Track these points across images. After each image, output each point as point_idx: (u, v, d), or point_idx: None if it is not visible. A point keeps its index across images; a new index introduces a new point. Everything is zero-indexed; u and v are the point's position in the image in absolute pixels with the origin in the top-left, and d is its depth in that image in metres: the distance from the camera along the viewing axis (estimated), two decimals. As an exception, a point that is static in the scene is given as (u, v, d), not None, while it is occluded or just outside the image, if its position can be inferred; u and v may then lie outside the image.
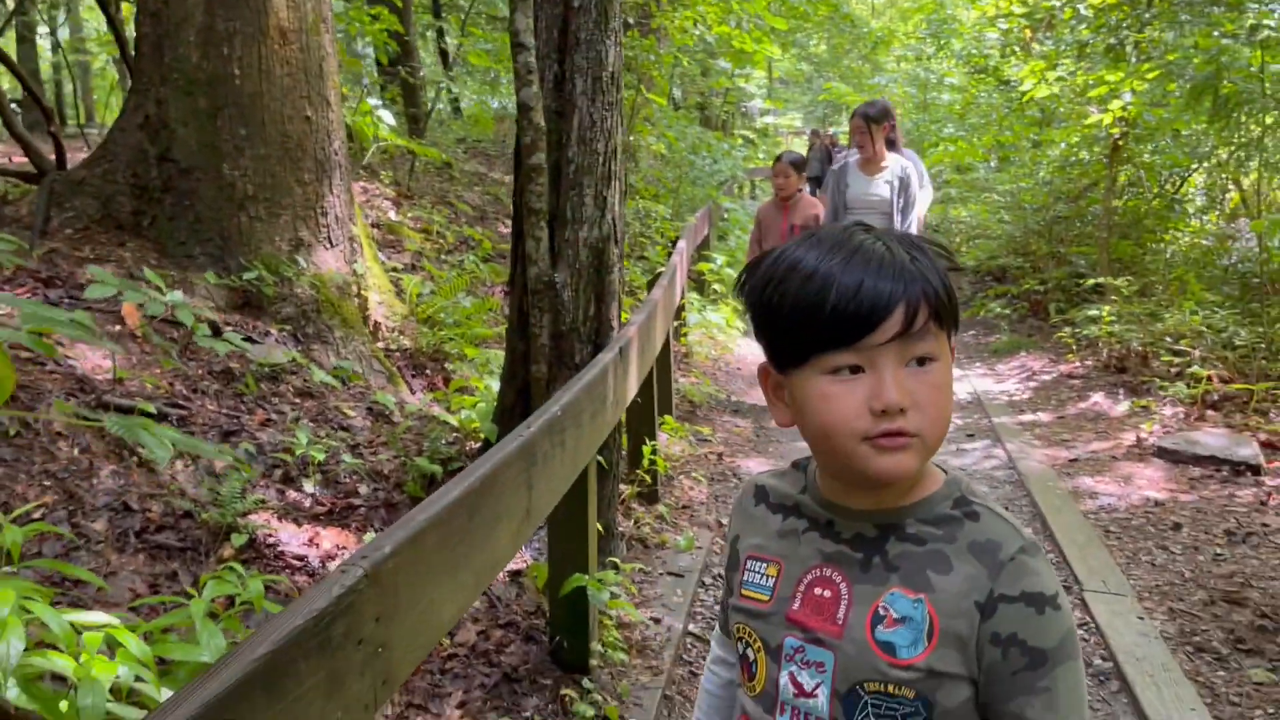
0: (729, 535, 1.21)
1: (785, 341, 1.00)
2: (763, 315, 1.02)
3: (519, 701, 2.98)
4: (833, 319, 0.95)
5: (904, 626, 1.00)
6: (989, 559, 1.00)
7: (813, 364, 0.98)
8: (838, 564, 1.06)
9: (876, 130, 5.81)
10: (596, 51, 3.57)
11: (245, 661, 1.25)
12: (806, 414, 1.00)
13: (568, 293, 3.64)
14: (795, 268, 0.99)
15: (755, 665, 1.10)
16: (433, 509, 1.77)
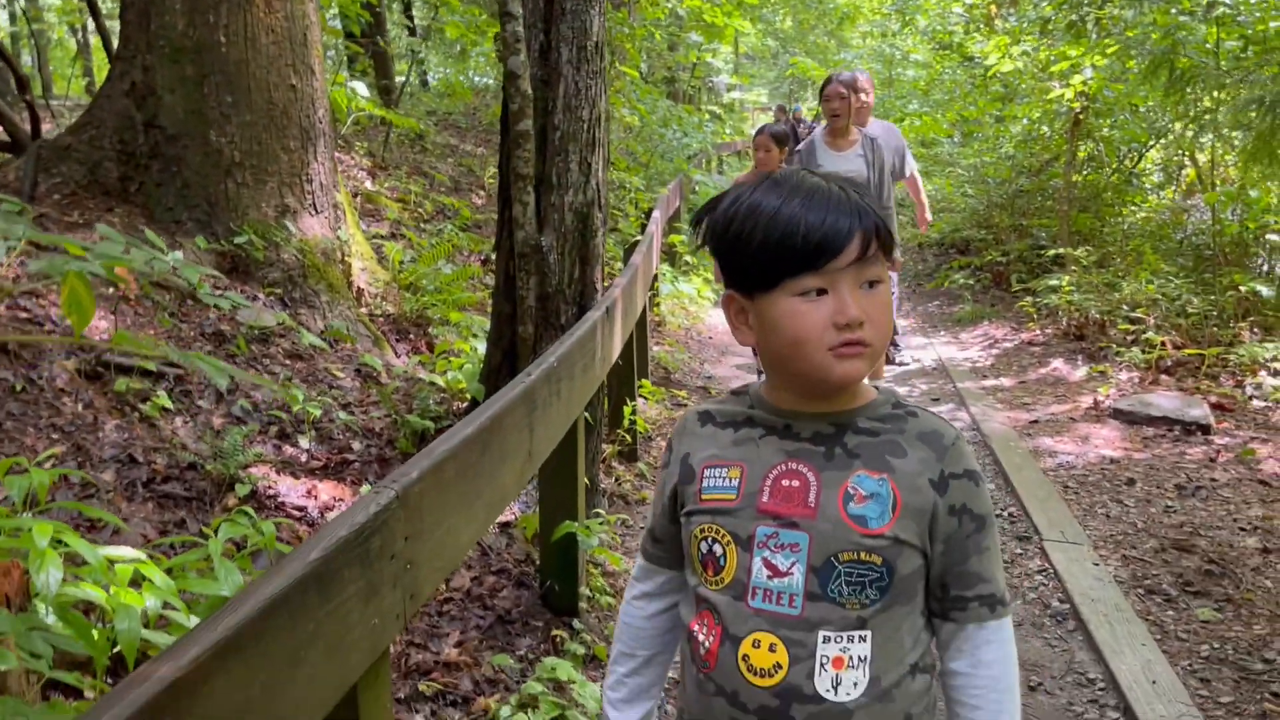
0: (674, 457, 1.32)
1: (756, 270, 1.16)
2: (730, 250, 1.19)
3: (513, 641, 3.14)
4: (804, 247, 1.12)
5: (872, 501, 1.17)
6: (935, 444, 1.21)
7: (783, 288, 1.14)
8: (802, 458, 1.20)
9: (854, 100, 5.68)
10: (581, 21, 3.69)
11: (303, 562, 1.39)
12: (777, 330, 1.16)
13: (553, 256, 3.78)
14: (758, 208, 1.15)
15: (724, 559, 1.21)
16: (451, 442, 1.92)
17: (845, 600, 1.16)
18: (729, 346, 7.81)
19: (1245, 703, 3.04)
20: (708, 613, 1.24)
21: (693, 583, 1.28)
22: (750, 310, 1.20)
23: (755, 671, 1.18)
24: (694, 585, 1.27)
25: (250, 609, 1.27)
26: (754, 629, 1.18)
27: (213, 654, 1.17)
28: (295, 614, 1.35)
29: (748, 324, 1.22)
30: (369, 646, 1.58)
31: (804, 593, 1.17)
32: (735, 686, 1.20)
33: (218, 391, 3.77)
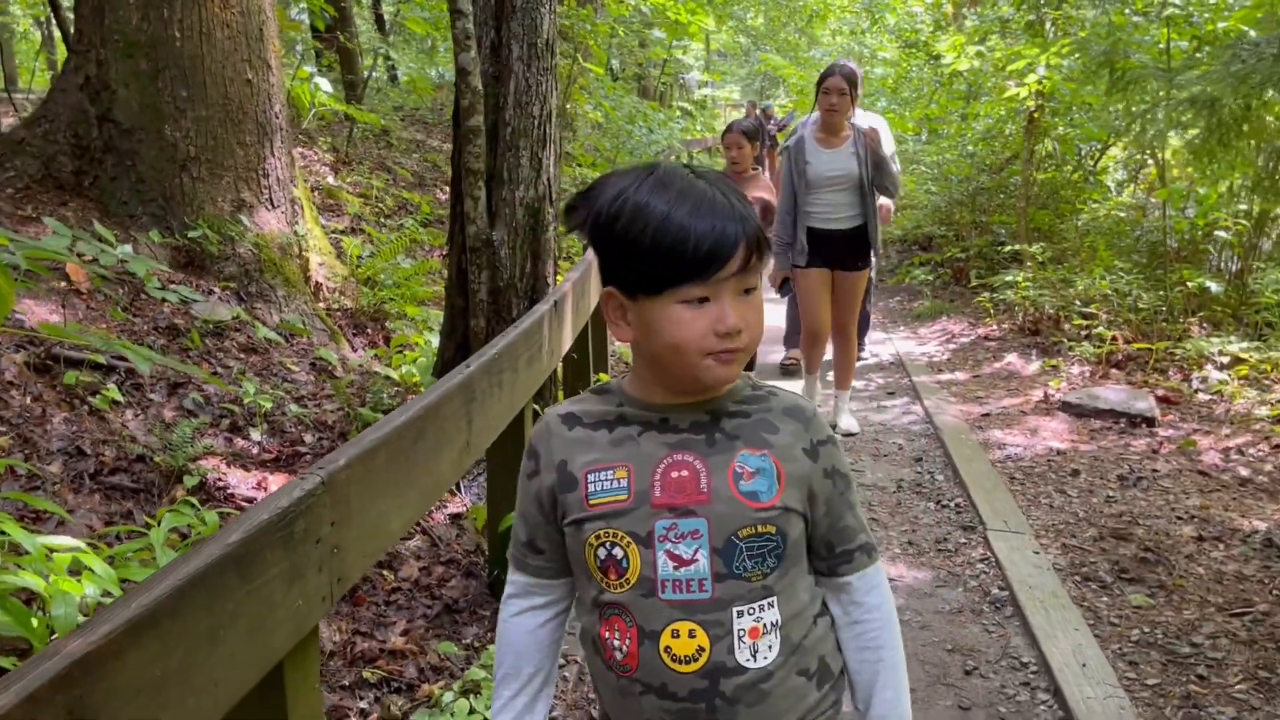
0: (544, 464, 1.30)
1: (641, 275, 1.17)
2: (613, 248, 1.19)
3: (459, 630, 3.19)
4: (693, 260, 1.14)
5: (760, 476, 1.23)
6: (800, 417, 1.29)
7: (668, 295, 1.16)
8: (686, 448, 1.24)
9: (854, 96, 5.17)
10: (532, 19, 3.74)
11: (221, 544, 1.44)
12: (658, 334, 1.18)
13: (505, 250, 3.82)
14: (645, 210, 1.15)
15: (626, 560, 1.23)
16: (382, 430, 1.97)
17: (750, 574, 1.22)
18: (691, 341, 7.87)
19: (1171, 684, 3.13)
20: (617, 617, 1.25)
21: (592, 592, 1.27)
22: (630, 310, 1.22)
23: (680, 659, 1.22)
24: (594, 594, 1.26)
25: (166, 588, 1.31)
26: (670, 620, 1.21)
27: (125, 630, 1.22)
28: (214, 593, 1.40)
29: (626, 321, 1.23)
30: (293, 627, 1.63)
31: (711, 575, 1.21)
32: (663, 680, 1.23)
33: (169, 385, 3.79)
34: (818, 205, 5.15)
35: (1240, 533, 4.13)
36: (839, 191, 5.14)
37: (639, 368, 1.27)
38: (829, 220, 5.17)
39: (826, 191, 5.14)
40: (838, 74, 5.09)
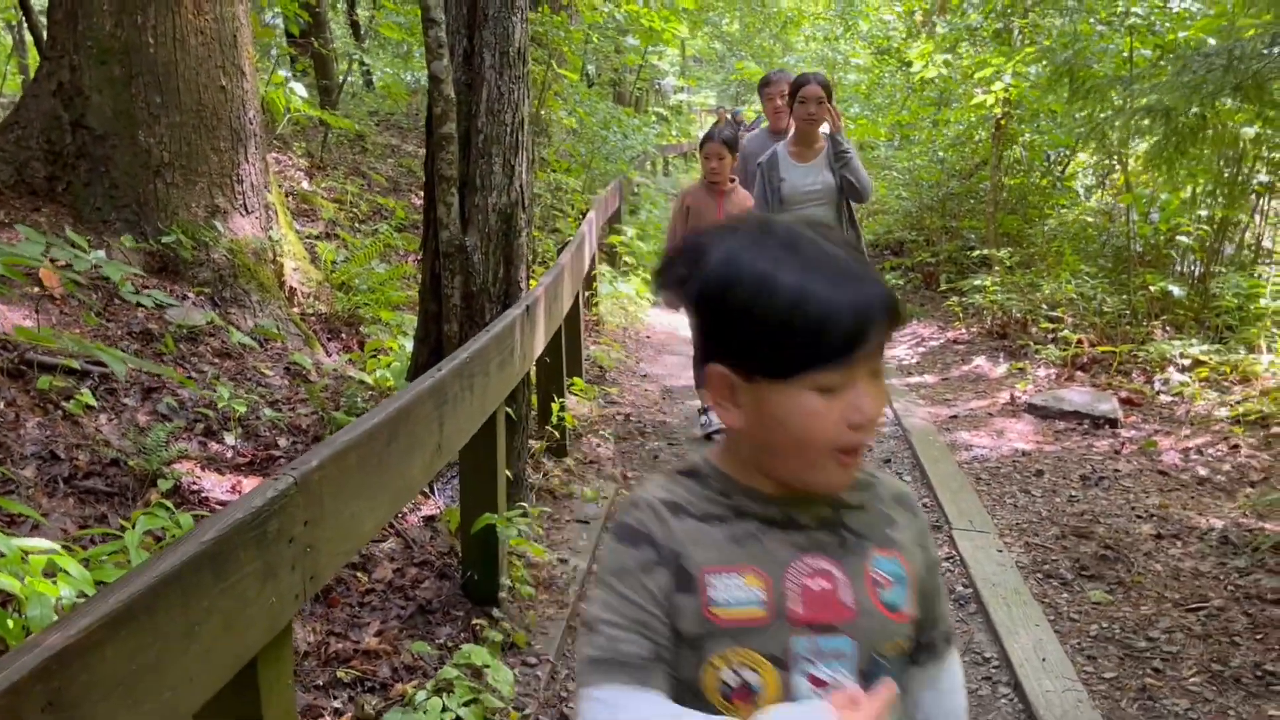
0: (661, 554, 1.04)
1: (767, 356, 0.99)
2: (728, 324, 1.01)
3: (433, 630, 3.23)
4: (835, 340, 0.96)
5: (896, 585, 1.08)
6: (909, 505, 1.15)
7: (798, 380, 0.98)
8: (818, 551, 1.06)
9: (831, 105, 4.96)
10: (504, 28, 3.79)
11: (196, 543, 1.48)
12: (783, 425, 1.00)
13: (478, 255, 3.87)
14: (771, 281, 0.97)
15: (762, 686, 1.02)
16: (354, 432, 2.01)
17: None
18: (666, 345, 7.94)
19: (1128, 678, 3.22)
20: None
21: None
22: (744, 393, 1.02)
23: None
24: None
25: (142, 584, 1.36)
26: None
27: (102, 624, 1.26)
28: (188, 591, 1.45)
29: (735, 404, 1.04)
30: (267, 624, 1.68)
31: None
32: None
33: (143, 389, 3.81)
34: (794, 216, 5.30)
35: (1197, 530, 4.23)
36: (817, 207, 4.92)
37: (742, 451, 1.08)
38: None
39: (803, 208, 4.92)
40: (813, 81, 4.91)
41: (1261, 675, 3.19)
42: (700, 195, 5.42)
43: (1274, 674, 3.18)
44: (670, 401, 6.40)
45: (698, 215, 5.31)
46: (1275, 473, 4.79)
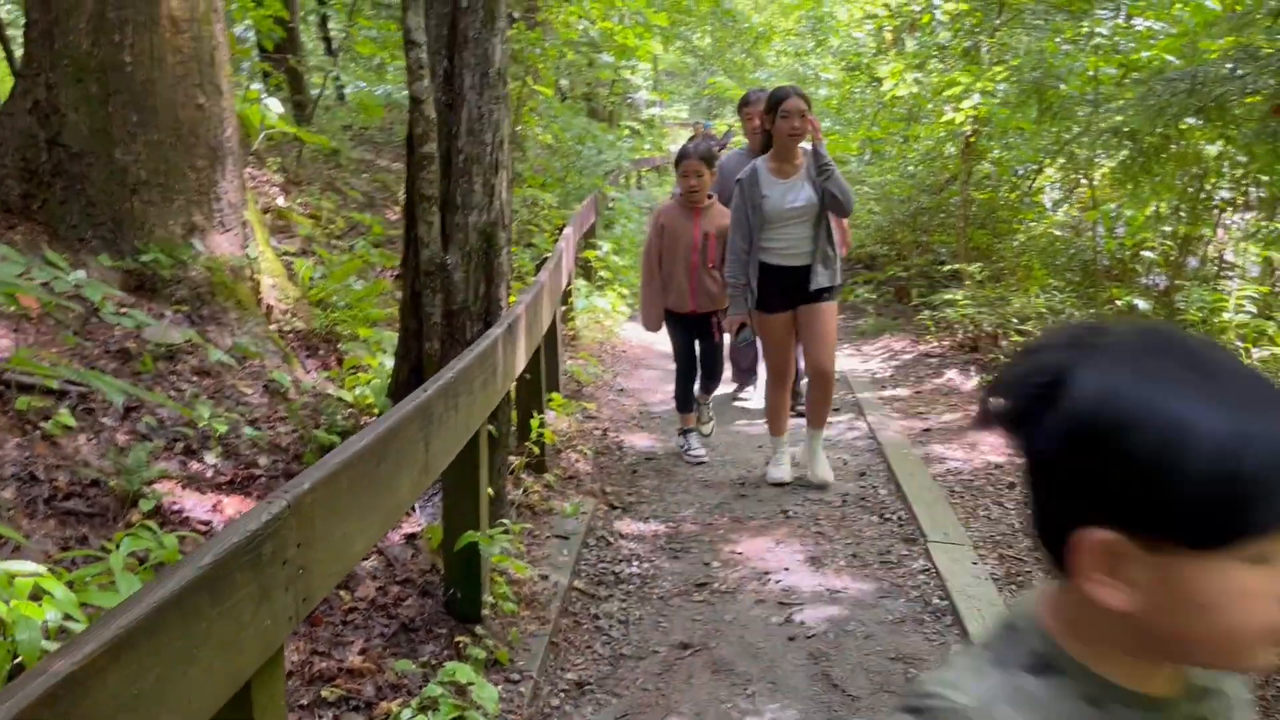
0: None
1: (1189, 520, 0.74)
2: (1125, 478, 0.75)
3: (416, 648, 3.24)
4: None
5: None
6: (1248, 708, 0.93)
7: (1226, 551, 0.74)
8: None
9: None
10: (484, 49, 3.83)
11: (194, 567, 1.50)
12: (1206, 611, 0.76)
13: (459, 273, 3.90)
14: (1188, 425, 0.73)
15: None
16: (345, 454, 2.04)
17: None
18: (642, 359, 7.99)
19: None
20: None
21: None
22: (1143, 567, 0.77)
23: None
24: None
25: (143, 609, 1.38)
26: None
27: (105, 650, 1.28)
28: (187, 614, 1.47)
29: (1127, 580, 0.77)
30: (262, 646, 1.70)
31: None
32: None
33: (123, 409, 3.80)
34: (777, 241, 4.80)
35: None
36: (799, 225, 4.77)
37: (1117, 636, 0.81)
38: (789, 256, 4.81)
39: (786, 226, 4.77)
40: (794, 95, 4.74)
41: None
42: (675, 214, 5.43)
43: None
44: (647, 417, 6.44)
45: (673, 235, 5.37)
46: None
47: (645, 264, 5.57)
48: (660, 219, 5.50)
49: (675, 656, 3.51)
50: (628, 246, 10.86)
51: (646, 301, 5.62)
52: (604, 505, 4.83)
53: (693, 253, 5.33)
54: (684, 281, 5.37)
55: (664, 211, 5.56)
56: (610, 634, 3.69)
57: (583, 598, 3.94)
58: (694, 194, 5.32)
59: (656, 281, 5.48)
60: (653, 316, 5.60)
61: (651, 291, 5.55)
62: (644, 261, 5.61)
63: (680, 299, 5.41)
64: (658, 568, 4.23)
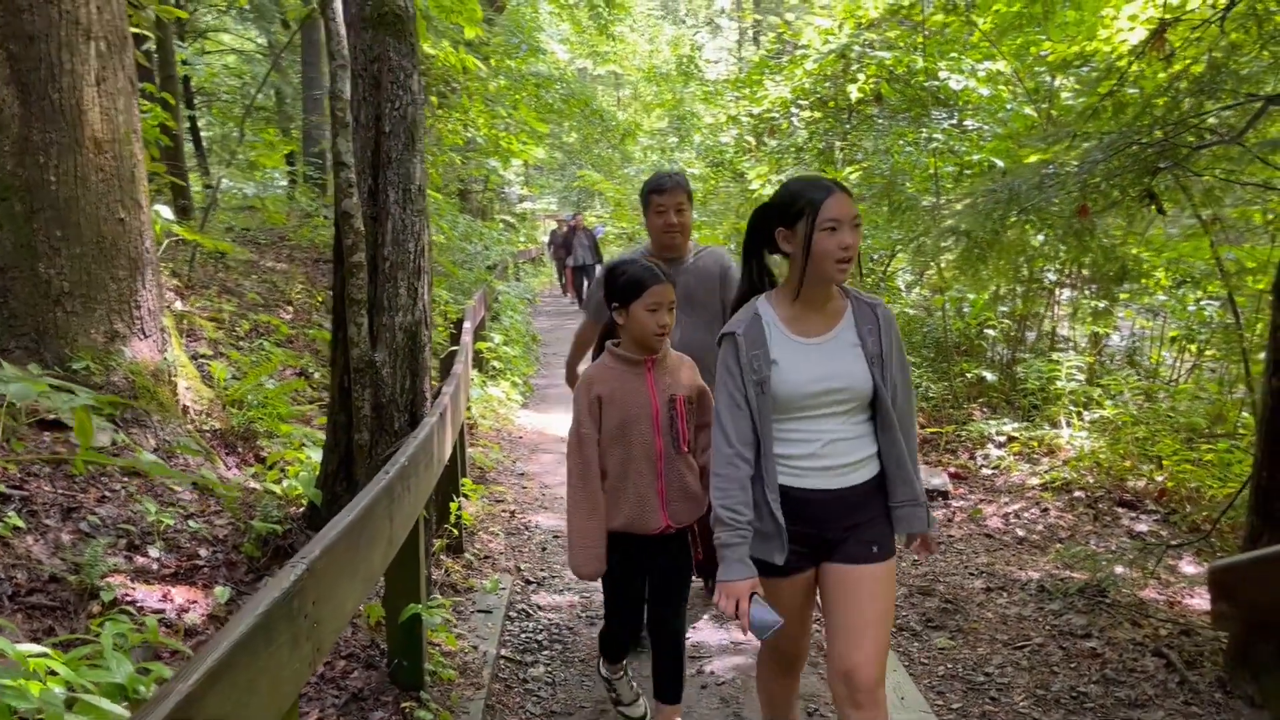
0: None
1: None
2: None
3: (367, 715, 3.52)
4: None
5: None
6: None
7: None
8: None
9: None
10: (406, 169, 4.27)
11: (252, 615, 1.85)
12: None
13: (387, 370, 4.26)
14: None
15: None
16: (338, 527, 2.39)
17: None
18: (538, 444, 8.36)
19: (970, 707, 3.81)
20: None
21: None
22: None
23: None
24: None
25: (225, 647, 1.72)
26: None
27: (206, 675, 1.62)
28: (252, 653, 1.81)
29: None
30: (292, 688, 2.03)
31: None
32: None
33: (63, 509, 3.99)
34: (799, 446, 2.65)
35: (1019, 582, 4.94)
36: (837, 416, 2.66)
37: None
38: (821, 472, 2.65)
39: (815, 417, 2.65)
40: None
41: (1077, 695, 3.83)
42: (615, 376, 3.31)
43: (1086, 694, 3.83)
44: (550, 498, 6.80)
45: (618, 410, 3.28)
46: (1078, 530, 5.60)
47: (576, 465, 3.31)
48: (593, 389, 3.32)
49: (601, 709, 3.87)
50: (515, 338, 11.28)
51: (580, 532, 3.30)
52: (520, 581, 5.17)
53: (654, 434, 3.26)
54: (646, 483, 3.27)
55: (595, 379, 3.34)
56: (539, 695, 4.03)
57: (510, 664, 4.26)
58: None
59: (594, 493, 3.29)
60: (592, 555, 3.30)
61: (587, 513, 3.29)
62: (572, 461, 3.33)
63: (641, 514, 3.27)
64: (576, 634, 4.59)
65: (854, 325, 2.67)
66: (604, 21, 23.14)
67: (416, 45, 4.33)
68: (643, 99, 31.78)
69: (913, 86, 8.71)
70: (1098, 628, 4.34)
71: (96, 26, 4.91)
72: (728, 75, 22.09)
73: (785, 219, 2.61)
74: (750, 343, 2.65)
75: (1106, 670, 3.97)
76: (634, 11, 28.68)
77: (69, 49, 4.81)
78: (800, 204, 2.56)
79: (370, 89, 4.23)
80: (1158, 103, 4.23)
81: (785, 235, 2.61)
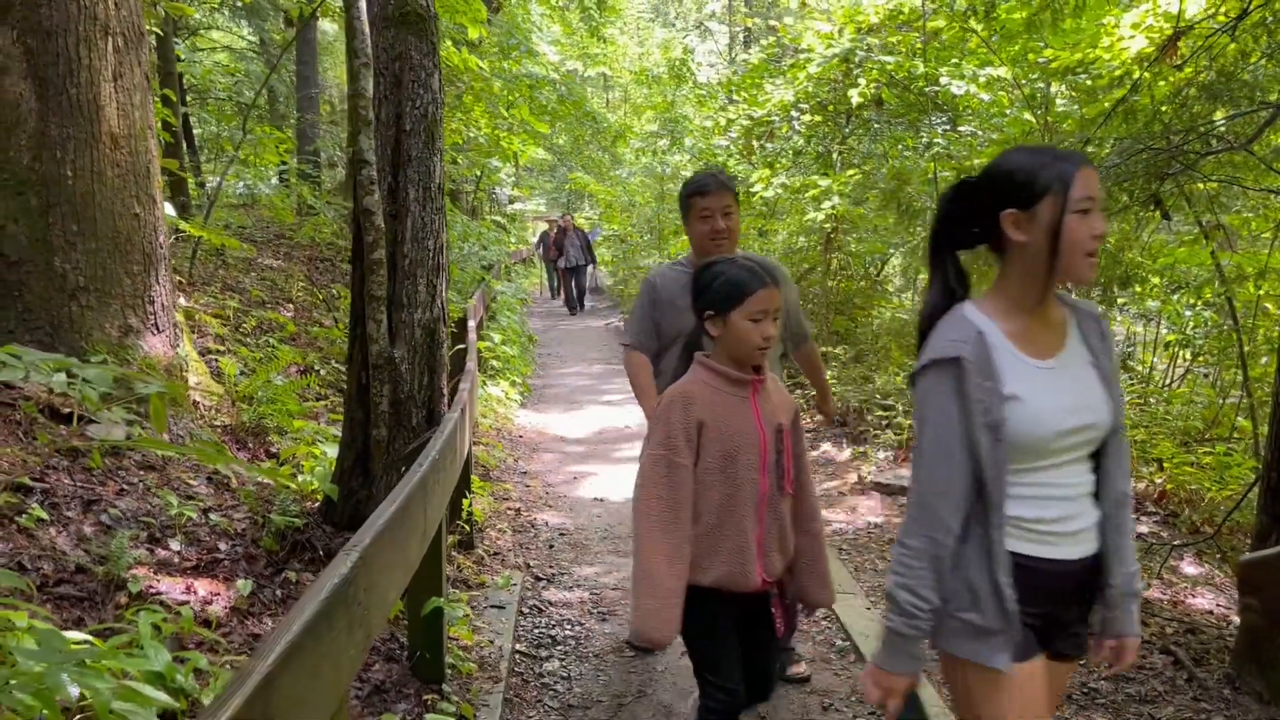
0: None
1: None
2: None
3: (390, 706, 3.55)
4: None
5: None
6: None
7: None
8: None
9: None
10: (426, 167, 4.31)
11: (317, 600, 1.88)
12: None
13: (405, 366, 4.30)
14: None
15: None
16: (383, 518, 2.43)
17: None
18: (539, 444, 8.40)
19: (984, 702, 3.87)
20: None
21: None
22: None
23: None
24: None
25: (295, 630, 1.76)
26: None
27: (282, 657, 1.66)
28: (318, 637, 1.85)
29: None
30: (349, 672, 2.07)
31: None
32: None
33: (83, 502, 4.00)
34: (1042, 506, 2.04)
35: (1025, 580, 5.00)
36: (1081, 462, 2.10)
37: None
38: (1068, 538, 2.06)
39: (1061, 465, 2.06)
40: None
41: (1088, 691, 3.90)
42: (717, 398, 2.69)
43: (1097, 690, 3.90)
44: (553, 496, 6.84)
45: (723, 433, 2.66)
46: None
47: (662, 500, 2.64)
48: (693, 410, 2.68)
49: (619, 703, 3.92)
50: (513, 337, 11.32)
51: (654, 585, 2.59)
52: (530, 577, 5.21)
53: (760, 471, 2.69)
54: (747, 530, 2.68)
55: (694, 398, 2.70)
56: (556, 689, 4.07)
57: (525, 659, 4.30)
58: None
59: (682, 539, 2.63)
60: (668, 616, 2.59)
61: (667, 561, 2.60)
62: (654, 493, 2.65)
63: (740, 567, 2.68)
64: (589, 630, 4.63)
65: (1082, 339, 2.09)
66: (595, 24, 23.17)
67: (437, 45, 4.37)
68: (632, 101, 31.82)
69: (912, 91, 8.80)
70: (1104, 625, 4.41)
71: (114, 22, 4.92)
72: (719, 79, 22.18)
73: (1021, 198, 1.96)
74: (980, 369, 1.96)
75: (1115, 666, 4.04)
76: (625, 14, 28.76)
77: (87, 44, 4.82)
78: (1046, 179, 1.94)
79: (391, 87, 4.26)
80: (1165, 110, 4.31)
81: (1017, 220, 1.97)
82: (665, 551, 2.59)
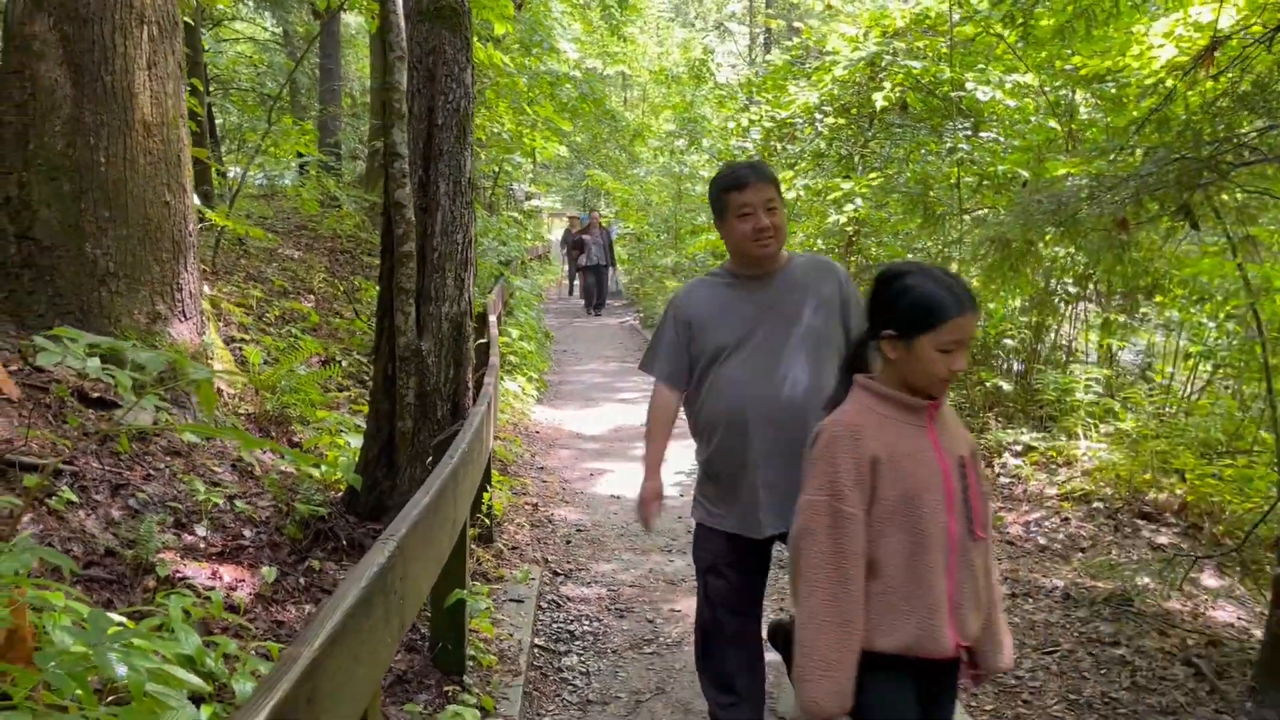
0: None
1: None
2: None
3: (412, 696, 3.57)
4: None
5: None
6: None
7: None
8: None
9: None
10: (456, 161, 4.33)
11: (356, 588, 1.90)
12: None
13: (432, 359, 4.32)
14: None
15: None
16: (417, 509, 2.45)
17: None
18: (555, 440, 8.41)
19: (1003, 709, 3.87)
20: None
21: None
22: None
23: None
24: None
25: (338, 617, 1.77)
26: None
27: (328, 641, 1.68)
28: (359, 623, 1.87)
29: None
30: (386, 659, 2.09)
31: None
32: None
33: (111, 486, 4.04)
34: None
35: (1044, 589, 5.00)
36: None
37: None
38: None
39: None
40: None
41: (1109, 701, 3.89)
42: (890, 428, 2.30)
43: (1118, 700, 3.89)
44: (570, 492, 6.86)
45: (900, 469, 2.26)
46: (1099, 540, 5.66)
47: (828, 555, 2.23)
48: (864, 443, 2.28)
49: (637, 700, 3.93)
50: (530, 334, 11.34)
51: (822, 652, 2.21)
52: (548, 572, 5.22)
53: (947, 513, 2.29)
54: (936, 583, 2.26)
55: (864, 429, 2.30)
56: (574, 684, 4.08)
57: (545, 654, 4.32)
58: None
59: (855, 599, 2.23)
60: (839, 687, 2.21)
61: (837, 625, 2.22)
62: (820, 547, 2.24)
63: (931, 628, 2.25)
64: (607, 625, 4.64)
65: None
66: (616, 22, 23.18)
67: (470, 40, 4.39)
68: (651, 101, 31.83)
69: (936, 96, 8.77)
70: (1125, 636, 4.40)
71: (150, 11, 4.96)
72: (739, 80, 22.15)
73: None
74: None
75: (1137, 677, 4.03)
76: (645, 13, 28.75)
77: (122, 32, 4.86)
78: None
79: (425, 81, 4.29)
80: (1198, 119, 4.30)
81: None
82: (831, 614, 2.19)
